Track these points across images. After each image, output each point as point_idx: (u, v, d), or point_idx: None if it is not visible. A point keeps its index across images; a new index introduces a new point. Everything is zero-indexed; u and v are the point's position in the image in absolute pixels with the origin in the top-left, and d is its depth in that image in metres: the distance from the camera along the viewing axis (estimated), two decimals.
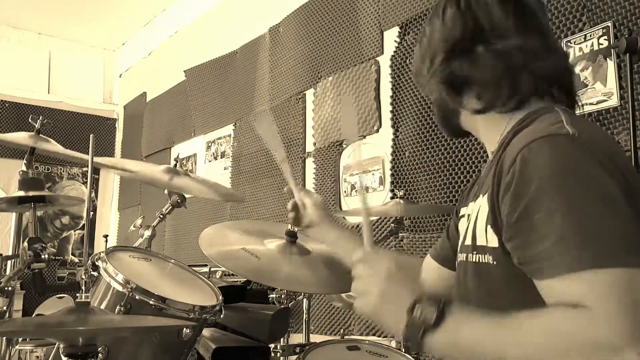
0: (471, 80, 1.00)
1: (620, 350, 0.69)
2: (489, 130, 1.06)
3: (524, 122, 0.97)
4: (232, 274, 2.44)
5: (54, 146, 2.19)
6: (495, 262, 0.91)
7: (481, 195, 0.98)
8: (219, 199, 2.33)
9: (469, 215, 1.07)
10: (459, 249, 1.08)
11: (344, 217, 3.06)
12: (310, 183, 3.37)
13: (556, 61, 1.01)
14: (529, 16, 1.01)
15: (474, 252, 0.98)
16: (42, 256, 1.52)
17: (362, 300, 0.93)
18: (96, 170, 5.54)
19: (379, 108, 2.96)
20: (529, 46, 0.98)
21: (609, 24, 2.00)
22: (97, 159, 1.93)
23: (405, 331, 0.85)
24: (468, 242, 1.01)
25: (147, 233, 2.10)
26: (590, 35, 2.06)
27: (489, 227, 0.91)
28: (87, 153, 1.30)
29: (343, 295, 2.02)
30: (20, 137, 2.18)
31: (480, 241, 0.95)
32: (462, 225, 1.15)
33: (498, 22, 0.99)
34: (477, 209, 0.98)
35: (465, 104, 1.03)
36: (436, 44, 1.04)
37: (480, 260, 0.96)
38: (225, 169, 4.25)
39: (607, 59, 2.00)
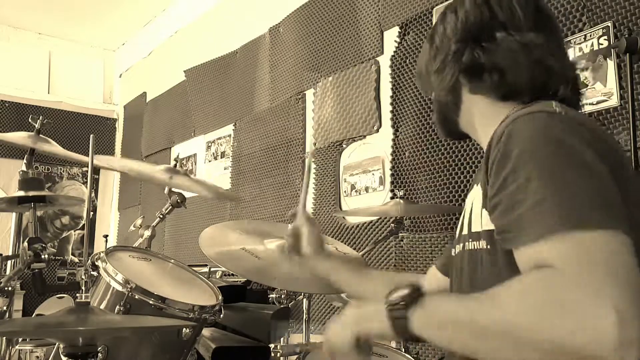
0: (493, 66, 1.00)
1: (591, 312, 0.66)
2: (485, 122, 1.06)
3: (520, 111, 0.98)
4: (232, 274, 2.44)
5: (53, 147, 2.19)
6: (488, 246, 0.92)
7: (475, 185, 0.98)
8: (217, 197, 2.31)
9: (465, 210, 1.07)
10: (455, 241, 1.09)
11: (343, 217, 3.06)
12: (310, 183, 3.37)
13: (567, 62, 1.03)
14: (545, 15, 1.03)
15: (470, 240, 0.98)
16: (42, 256, 1.52)
17: (343, 330, 0.92)
18: (96, 170, 5.54)
19: (379, 108, 2.96)
20: (545, 43, 0.99)
21: (609, 24, 2.00)
22: (97, 157, 1.93)
23: (390, 316, 0.84)
24: (464, 231, 1.01)
25: (147, 233, 2.10)
26: (590, 35, 2.06)
27: (483, 210, 0.92)
28: (87, 153, 1.30)
29: (343, 295, 2.02)
30: (20, 137, 2.18)
31: (475, 227, 0.96)
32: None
33: (516, 17, 1.00)
34: (472, 199, 0.98)
35: (483, 88, 1.02)
36: (452, 33, 1.04)
37: (475, 247, 0.96)
38: (225, 169, 4.25)
39: (607, 59, 2.00)
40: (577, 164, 0.79)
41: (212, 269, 2.53)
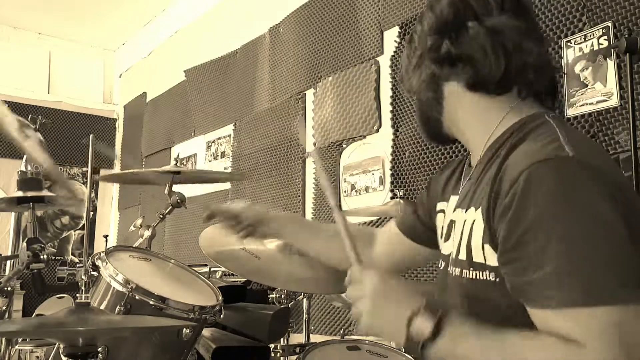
0: (463, 56, 1.00)
1: None
2: (471, 122, 1.05)
3: (518, 131, 0.96)
4: (232, 274, 2.44)
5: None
6: (497, 279, 0.90)
7: (473, 208, 0.96)
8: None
9: (452, 220, 1.06)
10: (445, 258, 1.07)
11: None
12: (310, 183, 3.37)
13: (542, 50, 1.02)
14: (520, 2, 1.03)
15: (471, 269, 0.96)
16: (41, 256, 1.52)
17: (361, 319, 0.94)
18: (96, 170, 5.54)
19: (379, 108, 2.96)
20: (519, 26, 0.99)
21: (609, 24, 1.99)
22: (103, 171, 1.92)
23: (406, 343, 0.86)
24: (462, 257, 0.98)
25: (147, 233, 2.10)
26: (590, 35, 2.06)
27: (486, 245, 0.91)
28: (87, 153, 1.30)
29: (343, 295, 2.02)
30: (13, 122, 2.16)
31: (478, 258, 0.94)
32: (440, 221, 1.15)
33: (489, 3, 1.00)
34: (471, 223, 0.96)
35: (457, 79, 1.02)
36: (428, 29, 1.04)
37: (479, 277, 0.94)
38: (225, 169, 4.25)
39: (607, 59, 2.00)
40: (600, 232, 0.78)
41: (212, 269, 2.52)
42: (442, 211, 1.15)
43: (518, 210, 0.82)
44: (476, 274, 0.95)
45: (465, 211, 0.99)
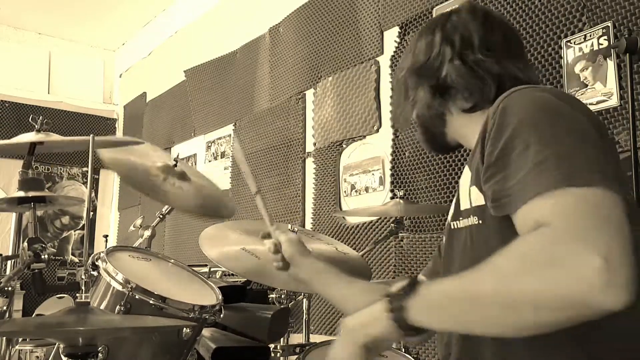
0: (451, 89, 1.07)
1: (579, 260, 0.67)
2: (471, 132, 1.07)
3: None
4: (232, 274, 2.44)
5: (53, 137, 2.17)
6: (480, 221, 0.92)
7: (466, 168, 1.00)
8: (205, 214, 2.21)
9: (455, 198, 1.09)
10: (444, 231, 1.10)
11: (343, 217, 3.06)
12: (310, 183, 3.37)
13: (529, 72, 1.09)
14: (502, 34, 1.10)
15: (459, 219, 0.99)
16: (42, 256, 1.52)
17: (351, 351, 0.92)
18: (96, 170, 5.54)
19: (379, 108, 2.96)
20: (504, 58, 1.06)
21: (609, 24, 2.00)
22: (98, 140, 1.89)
23: (389, 308, 0.84)
24: (452, 212, 1.03)
25: (147, 233, 2.10)
26: (590, 35, 2.06)
27: (472, 187, 0.93)
28: (87, 153, 1.30)
29: None
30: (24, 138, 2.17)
31: (464, 204, 0.96)
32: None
33: (473, 42, 1.07)
34: (461, 182, 1.00)
35: (452, 106, 1.09)
36: (407, 71, 1.13)
37: (465, 225, 0.97)
38: (225, 169, 4.25)
39: (607, 59, 2.00)
40: (573, 129, 0.82)
41: (212, 269, 2.52)
42: None
43: (498, 127, 0.86)
44: (463, 222, 0.97)
45: (462, 177, 1.03)
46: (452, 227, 1.02)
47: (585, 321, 0.68)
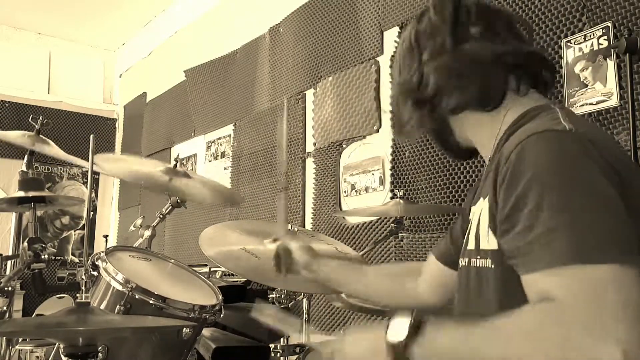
0: (441, 88, 1.02)
1: (592, 347, 0.65)
2: (479, 133, 1.08)
3: (520, 120, 0.98)
4: (232, 274, 2.44)
5: (53, 149, 2.19)
6: (493, 266, 0.91)
7: (482, 199, 0.97)
8: (219, 202, 2.34)
9: (471, 222, 1.07)
10: (461, 253, 1.07)
11: (343, 217, 3.06)
12: (310, 183, 3.37)
13: (522, 47, 1.03)
14: (489, 16, 1.05)
15: (477, 257, 0.97)
16: (42, 256, 1.52)
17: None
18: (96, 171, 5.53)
19: (379, 108, 2.96)
20: (493, 39, 1.01)
21: (609, 24, 2.00)
22: (97, 157, 1.93)
23: (392, 356, 0.84)
24: (471, 246, 1.00)
25: (147, 233, 2.10)
26: (590, 35, 2.06)
27: (489, 229, 0.91)
28: (87, 153, 1.30)
29: (343, 295, 2.02)
30: (19, 137, 2.18)
31: (483, 245, 0.95)
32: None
33: (445, 41, 1.02)
34: (479, 213, 0.97)
35: (442, 109, 1.04)
36: (398, 83, 1.11)
37: (482, 265, 0.95)
38: (225, 169, 4.25)
39: (607, 59, 2.00)
40: (588, 193, 0.77)
41: (212, 269, 2.52)
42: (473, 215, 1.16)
43: (512, 178, 0.83)
44: (481, 262, 0.95)
45: (476, 204, 1.01)
46: (471, 263, 0.99)
47: None
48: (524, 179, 0.80)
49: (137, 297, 1.44)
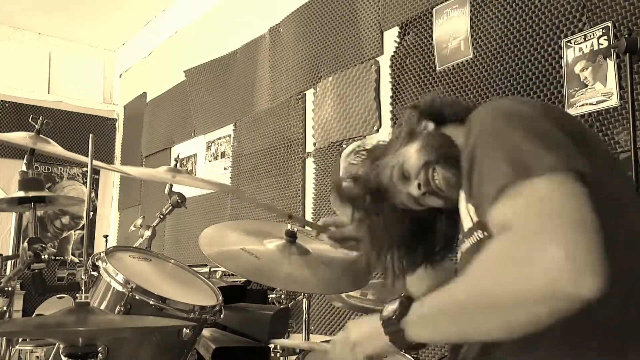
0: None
1: (538, 255, 0.68)
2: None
3: None
4: (232, 274, 2.44)
5: (54, 147, 2.19)
6: (485, 233, 0.93)
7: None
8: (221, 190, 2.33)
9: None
10: (459, 241, 1.10)
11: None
12: (310, 183, 3.37)
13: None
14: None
15: (465, 239, 1.01)
16: (42, 256, 1.52)
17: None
18: (96, 171, 5.54)
19: (379, 108, 2.96)
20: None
21: (609, 24, 2.00)
22: (98, 163, 1.95)
23: (387, 332, 0.88)
24: (460, 238, 1.04)
25: (147, 233, 2.10)
26: (590, 35, 2.06)
27: (468, 205, 0.95)
28: (87, 153, 1.30)
29: (343, 295, 2.02)
30: (20, 137, 2.18)
31: (467, 224, 0.98)
32: None
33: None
34: (460, 206, 1.01)
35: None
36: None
37: (473, 242, 0.98)
38: (225, 169, 4.25)
39: (607, 59, 2.00)
40: (523, 123, 0.82)
41: (212, 269, 2.53)
42: None
43: (465, 142, 0.88)
44: (471, 240, 0.98)
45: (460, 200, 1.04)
46: (464, 250, 1.02)
47: (569, 315, 0.68)
48: (472, 137, 0.86)
49: (137, 297, 1.44)
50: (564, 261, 0.66)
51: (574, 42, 2.11)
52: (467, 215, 0.97)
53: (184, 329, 1.46)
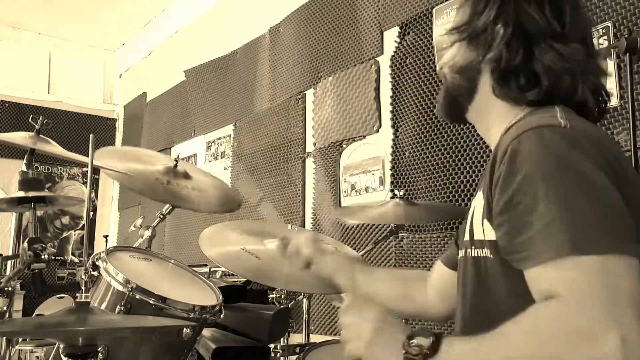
0: (531, 72, 0.97)
1: (595, 338, 0.67)
2: (490, 119, 1.06)
3: (520, 118, 0.98)
4: (232, 274, 2.44)
5: (54, 147, 2.19)
6: (492, 255, 0.92)
7: (479, 192, 0.98)
8: (217, 210, 2.28)
9: (467, 215, 1.08)
10: (459, 247, 1.09)
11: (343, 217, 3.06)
12: (310, 183, 3.37)
13: (595, 69, 1.02)
14: (586, 23, 1.04)
15: (472, 247, 0.99)
16: (42, 256, 1.52)
17: (354, 345, 0.92)
18: (96, 170, 5.53)
19: (379, 108, 2.96)
20: (583, 56, 0.99)
21: (609, 24, 2.00)
22: (98, 152, 1.94)
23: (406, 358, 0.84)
24: (466, 237, 1.02)
25: (147, 233, 2.10)
26: None
27: (485, 220, 0.92)
28: (87, 153, 1.30)
29: (343, 295, 2.02)
30: (20, 137, 2.18)
31: (478, 235, 0.96)
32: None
33: (565, 27, 0.99)
34: (474, 205, 0.99)
35: (516, 93, 0.99)
36: (502, 22, 1.00)
37: (479, 255, 0.96)
38: (225, 169, 4.25)
39: (607, 59, 2.00)
40: (583, 185, 0.78)
41: (212, 269, 2.52)
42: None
43: (507, 175, 0.83)
44: (477, 252, 0.97)
45: (476, 196, 1.02)
46: (467, 254, 1.01)
47: None
48: (518, 175, 0.82)
49: (137, 297, 1.44)
50: (618, 351, 0.66)
51: None
52: (480, 228, 0.94)
53: (184, 329, 1.46)
